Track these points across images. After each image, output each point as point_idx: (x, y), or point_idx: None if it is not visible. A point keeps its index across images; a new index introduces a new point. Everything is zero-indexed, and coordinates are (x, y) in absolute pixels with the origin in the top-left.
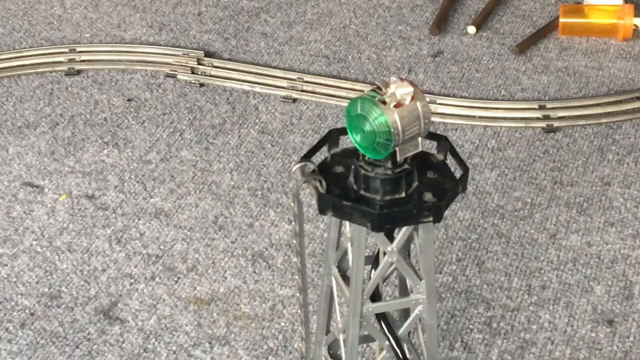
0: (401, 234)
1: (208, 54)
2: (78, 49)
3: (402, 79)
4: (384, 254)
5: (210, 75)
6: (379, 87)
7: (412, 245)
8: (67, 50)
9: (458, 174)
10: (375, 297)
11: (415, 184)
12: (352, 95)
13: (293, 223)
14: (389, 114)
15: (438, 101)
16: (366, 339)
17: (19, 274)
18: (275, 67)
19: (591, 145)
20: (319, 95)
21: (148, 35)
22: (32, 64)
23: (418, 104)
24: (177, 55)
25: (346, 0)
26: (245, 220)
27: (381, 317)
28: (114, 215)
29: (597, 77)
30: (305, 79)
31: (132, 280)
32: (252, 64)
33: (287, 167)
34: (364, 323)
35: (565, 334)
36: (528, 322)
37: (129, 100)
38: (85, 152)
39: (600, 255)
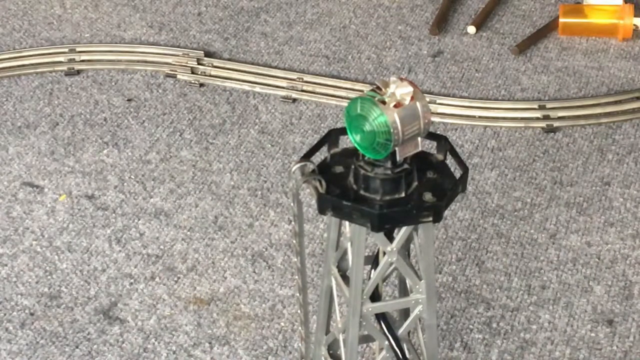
0: (401, 234)
1: (208, 54)
2: (78, 49)
3: (402, 79)
4: (384, 254)
5: (210, 75)
6: (378, 87)
7: (412, 245)
8: (67, 50)
9: (458, 174)
10: (375, 297)
11: (415, 184)
12: (352, 95)
13: (293, 223)
14: (388, 114)
15: (438, 101)
16: (366, 339)
17: (19, 274)
18: (275, 67)
19: (591, 145)
20: (319, 95)
21: (148, 35)
22: (32, 64)
23: (418, 104)
24: (177, 55)
25: (346, 0)
26: (245, 220)
27: (381, 317)
28: (114, 215)
29: (597, 77)
30: (305, 79)
31: (132, 280)
32: (252, 64)
33: (287, 167)
34: (364, 323)
35: (565, 334)
36: (528, 322)
37: (129, 100)
38: (85, 152)
39: (600, 255)
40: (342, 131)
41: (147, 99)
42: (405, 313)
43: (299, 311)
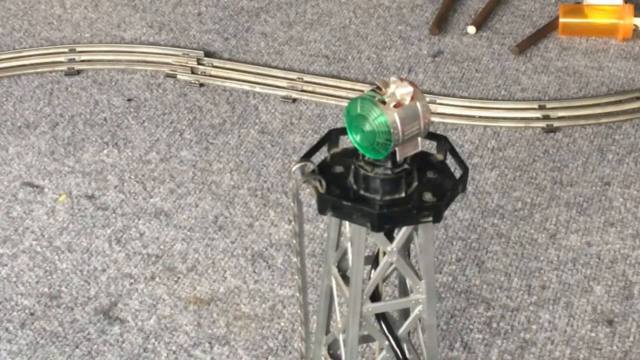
0: (401, 234)
1: (208, 54)
2: (78, 49)
3: (402, 79)
4: (384, 254)
5: (210, 75)
6: (378, 87)
7: (412, 245)
8: (67, 50)
9: (458, 174)
10: (375, 297)
11: (415, 184)
12: (352, 95)
13: (293, 223)
14: (388, 114)
15: (438, 101)
16: (366, 339)
17: (19, 274)
18: (275, 67)
19: (591, 145)
20: (319, 95)
21: (148, 35)
22: (32, 64)
23: (418, 104)
24: (177, 55)
25: (346, 0)
26: (245, 220)
27: (381, 317)
28: (114, 215)
29: (597, 77)
30: (305, 79)
31: (132, 280)
32: (252, 64)
33: (287, 167)
34: (364, 323)
35: (565, 334)
36: (528, 322)
37: (129, 100)
38: (85, 152)
39: (600, 255)
40: (342, 131)
41: (147, 99)
42: (405, 313)
43: (299, 311)
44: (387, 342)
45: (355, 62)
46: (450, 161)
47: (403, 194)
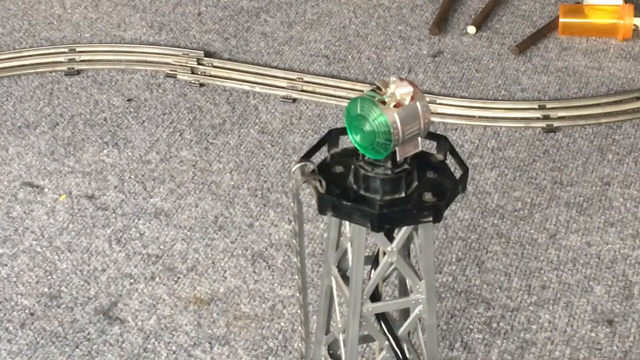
0: (401, 234)
1: (208, 54)
2: (78, 49)
3: (401, 79)
4: (384, 254)
5: (210, 75)
6: (378, 87)
7: (412, 245)
8: (67, 50)
9: (458, 174)
10: (375, 297)
11: (415, 184)
12: (352, 95)
13: (293, 223)
14: (388, 114)
15: (438, 101)
16: (366, 339)
17: (19, 274)
18: (275, 67)
19: (591, 145)
20: (319, 95)
21: (148, 35)
22: (32, 64)
23: (418, 104)
24: (177, 55)
25: (346, 0)
26: (245, 220)
27: (381, 317)
28: (114, 215)
29: (597, 77)
30: (305, 79)
31: (132, 280)
32: (252, 64)
33: (287, 167)
34: (364, 323)
35: (565, 334)
36: (528, 322)
37: (129, 100)
38: (85, 152)
39: (600, 255)
40: (342, 131)
41: (147, 99)
42: (405, 313)
43: (299, 311)
44: (387, 342)
45: (355, 62)
46: (450, 161)
47: (403, 194)
